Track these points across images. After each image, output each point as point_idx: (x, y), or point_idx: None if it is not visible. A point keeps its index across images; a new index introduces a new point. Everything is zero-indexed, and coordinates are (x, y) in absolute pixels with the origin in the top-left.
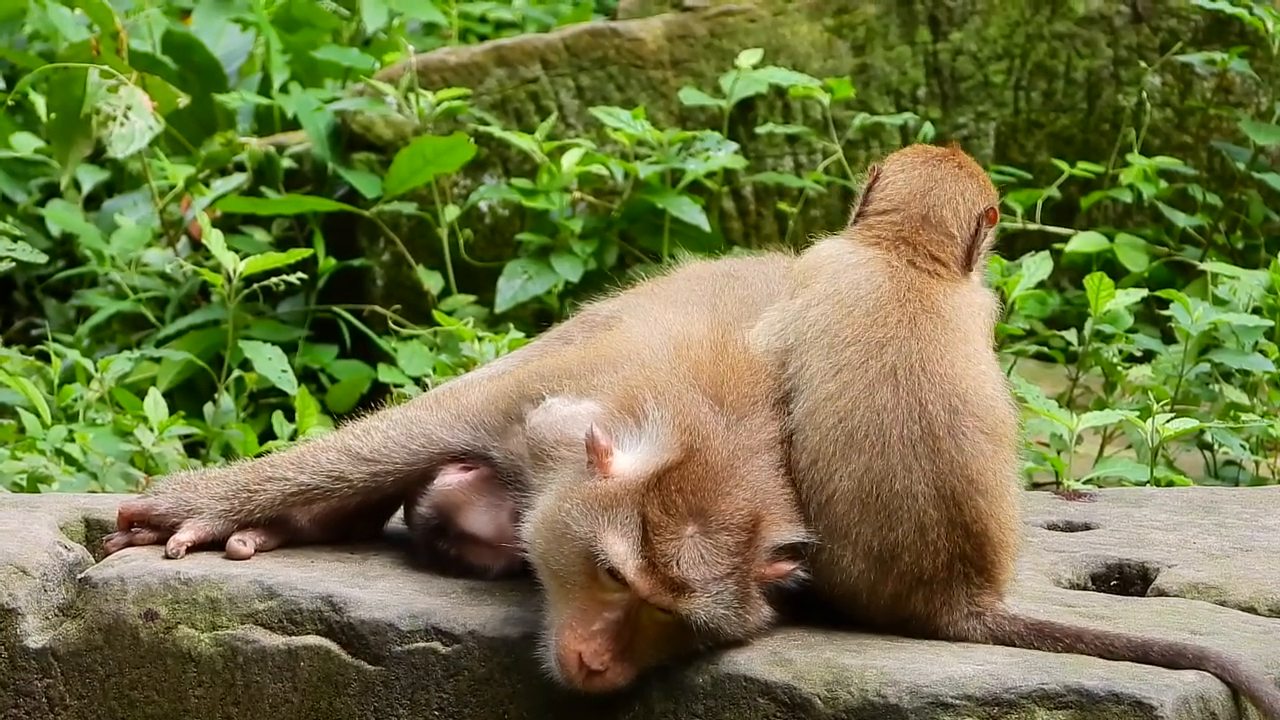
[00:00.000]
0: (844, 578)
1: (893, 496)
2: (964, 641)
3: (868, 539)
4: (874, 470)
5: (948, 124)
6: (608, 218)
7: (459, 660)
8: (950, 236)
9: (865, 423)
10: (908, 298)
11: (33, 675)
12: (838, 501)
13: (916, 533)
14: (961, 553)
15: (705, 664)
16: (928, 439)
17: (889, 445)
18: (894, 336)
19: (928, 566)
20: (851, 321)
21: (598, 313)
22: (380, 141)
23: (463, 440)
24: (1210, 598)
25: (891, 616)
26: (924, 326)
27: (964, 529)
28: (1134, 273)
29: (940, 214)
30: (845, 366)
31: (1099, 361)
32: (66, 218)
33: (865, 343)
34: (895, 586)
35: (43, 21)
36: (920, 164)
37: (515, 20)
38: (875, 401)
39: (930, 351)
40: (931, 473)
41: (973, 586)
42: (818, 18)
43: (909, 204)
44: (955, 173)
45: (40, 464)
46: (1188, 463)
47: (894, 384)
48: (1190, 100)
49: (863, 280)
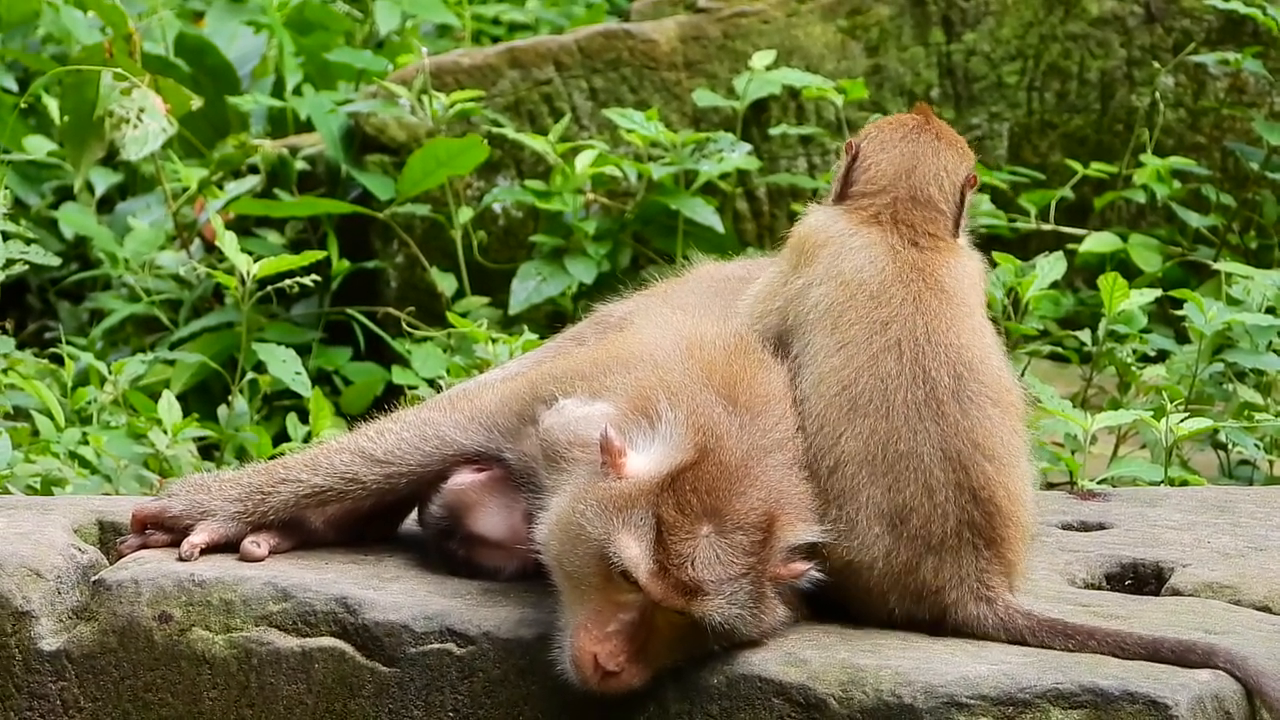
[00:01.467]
0: (859, 541)
1: (899, 457)
2: (972, 627)
3: (878, 500)
4: (879, 432)
5: (961, 124)
6: (621, 219)
7: (474, 662)
8: (940, 211)
9: (869, 389)
10: (910, 277)
11: (47, 678)
12: (846, 463)
13: (924, 494)
14: (970, 519)
15: (720, 664)
16: (931, 402)
17: (893, 408)
18: (898, 315)
19: (936, 531)
20: (855, 304)
21: (611, 314)
22: (394, 143)
23: (476, 442)
24: (1225, 597)
25: (903, 590)
26: (929, 302)
27: (971, 493)
28: (1148, 273)
29: (928, 192)
30: (849, 342)
31: (1113, 362)
32: (80, 220)
33: (869, 322)
34: (906, 553)
35: (56, 24)
36: (899, 140)
37: (528, 22)
38: (879, 370)
39: (935, 324)
40: (937, 434)
41: (982, 560)
42: (831, 19)
43: (896, 184)
44: (934, 145)
45: (54, 467)
46: (1202, 462)
47: (898, 354)
48: (1204, 100)
49: (866, 264)
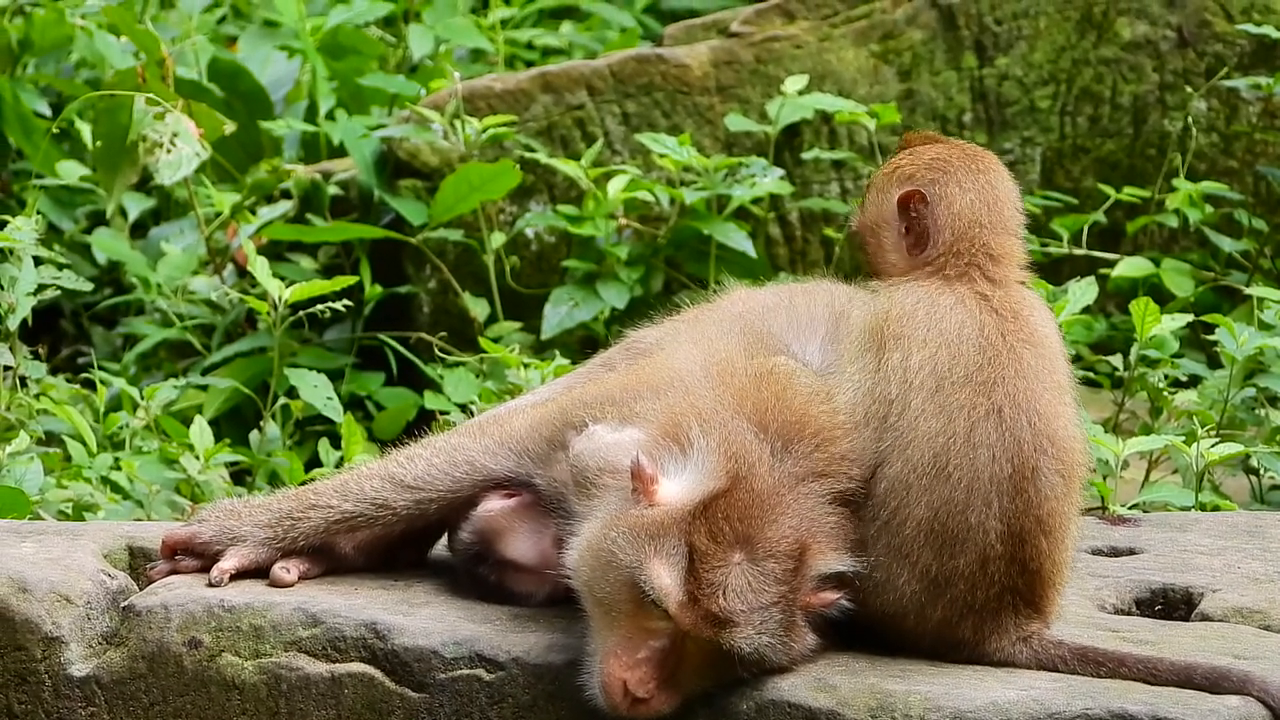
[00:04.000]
0: (895, 596)
1: (966, 529)
2: (1009, 666)
3: (927, 563)
4: (955, 502)
5: (994, 149)
6: (654, 244)
7: (503, 687)
8: (1018, 243)
9: (961, 457)
10: (1008, 329)
11: (77, 704)
12: (907, 524)
13: (978, 564)
14: (1014, 586)
15: (750, 690)
16: (1015, 479)
17: (977, 481)
18: (1002, 376)
19: (980, 596)
20: (964, 362)
21: (642, 339)
22: (426, 168)
23: (506, 467)
24: (1254, 622)
25: (938, 641)
26: (1026, 360)
27: (1021, 565)
28: (1180, 298)
29: (1011, 226)
30: (953, 406)
31: (1145, 387)
32: (113, 245)
33: (976, 383)
34: (945, 612)
35: (89, 49)
36: (966, 174)
37: (562, 46)
38: (975, 438)
39: (1033, 388)
40: (1010, 511)
41: (1020, 617)
42: (863, 43)
43: (977, 226)
44: (995, 168)
45: (86, 492)
46: (1233, 487)
47: (999, 422)
48: (1236, 125)
49: (966, 319)
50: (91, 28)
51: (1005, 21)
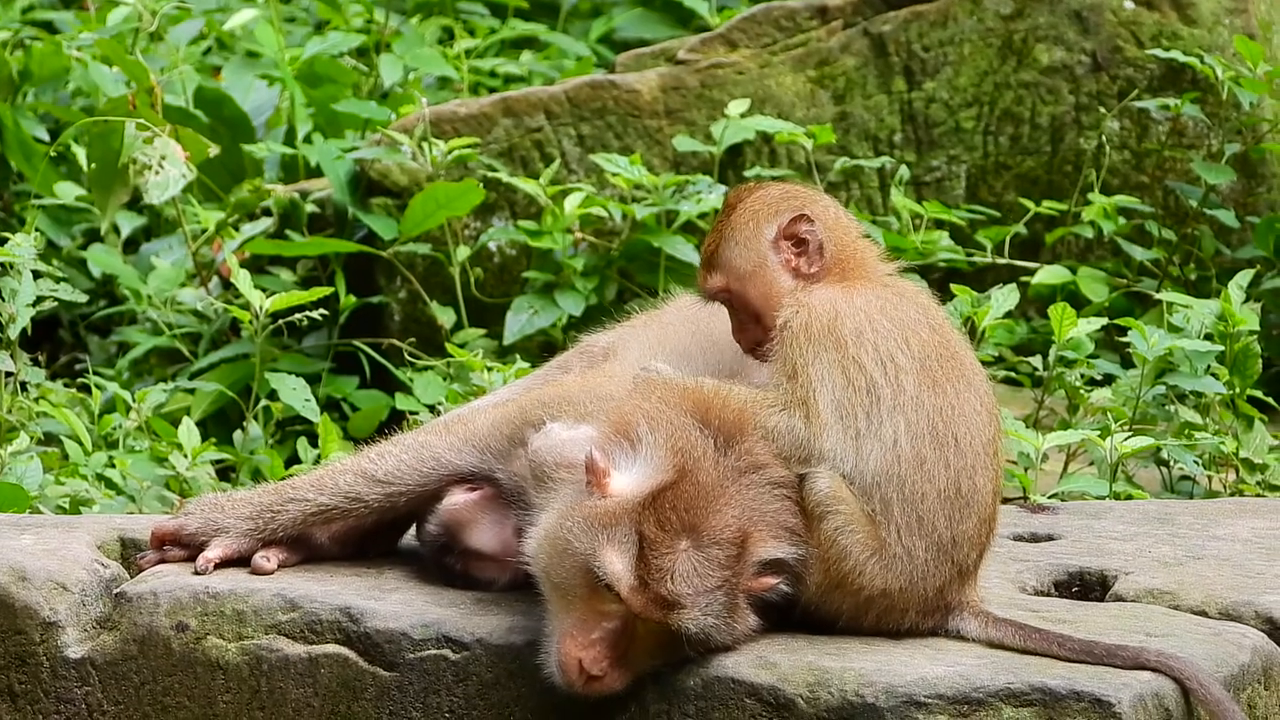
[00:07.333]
0: (906, 567)
1: (974, 491)
2: (962, 639)
3: (943, 529)
4: (965, 467)
5: (922, 166)
6: (607, 256)
7: (468, 666)
8: (869, 239)
9: (962, 423)
10: (931, 313)
11: (72, 683)
12: (928, 495)
13: (977, 525)
14: (987, 545)
15: (696, 668)
16: (994, 438)
17: (976, 443)
18: (954, 350)
19: (972, 558)
20: (926, 341)
21: (595, 343)
22: (396, 187)
23: (470, 463)
24: (1164, 602)
25: (922, 606)
26: (956, 336)
27: (992, 524)
28: (1095, 303)
29: (859, 229)
30: (940, 380)
31: (1063, 385)
32: (107, 260)
33: (943, 358)
34: (942, 576)
35: (84, 79)
36: (809, 197)
37: (522, 74)
38: (964, 406)
39: (973, 358)
40: (993, 470)
41: (975, 580)
42: (801, 70)
43: (848, 233)
44: (819, 192)
45: (82, 488)
46: (1145, 478)
47: (972, 389)
48: (1147, 143)
49: (905, 306)
50: (86, 59)
51: (932, 49)
